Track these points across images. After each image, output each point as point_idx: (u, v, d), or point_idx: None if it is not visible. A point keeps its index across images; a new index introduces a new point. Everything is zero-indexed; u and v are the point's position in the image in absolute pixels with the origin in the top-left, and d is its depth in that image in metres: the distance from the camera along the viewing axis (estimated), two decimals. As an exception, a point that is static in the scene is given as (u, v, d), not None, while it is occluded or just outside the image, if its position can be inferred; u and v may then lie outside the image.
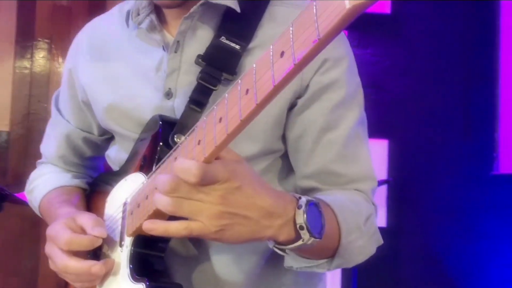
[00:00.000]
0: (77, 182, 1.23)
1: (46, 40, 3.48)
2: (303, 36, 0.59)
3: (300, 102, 1.01)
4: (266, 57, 0.64)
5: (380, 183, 3.19)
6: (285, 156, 1.07)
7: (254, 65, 0.67)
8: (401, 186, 3.48)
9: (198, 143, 0.76)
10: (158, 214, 0.82)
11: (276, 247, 0.86)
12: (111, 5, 3.40)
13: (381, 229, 1.02)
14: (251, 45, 0.99)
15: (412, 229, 3.52)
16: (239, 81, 0.69)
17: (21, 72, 3.45)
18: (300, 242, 0.81)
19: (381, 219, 3.39)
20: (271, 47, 0.64)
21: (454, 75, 3.65)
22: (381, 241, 1.02)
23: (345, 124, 1.02)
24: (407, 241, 3.48)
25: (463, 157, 3.59)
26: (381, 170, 3.42)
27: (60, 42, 3.48)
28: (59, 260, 0.95)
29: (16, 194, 2.65)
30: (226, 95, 0.72)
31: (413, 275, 3.51)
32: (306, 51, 0.58)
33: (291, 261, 0.92)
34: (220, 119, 0.72)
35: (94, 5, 3.48)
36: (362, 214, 0.97)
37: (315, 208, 0.83)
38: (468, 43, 3.66)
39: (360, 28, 3.59)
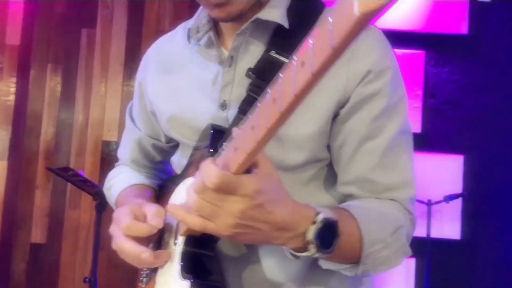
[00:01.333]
0: (148, 182, 1.26)
1: (150, 62, 3.73)
2: (320, 46, 0.57)
3: (342, 112, 0.99)
4: (291, 67, 0.63)
5: (455, 196, 3.16)
6: (331, 164, 1.05)
7: (281, 75, 0.65)
8: (476, 200, 3.42)
9: (235, 150, 0.76)
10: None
11: (290, 252, 0.87)
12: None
13: (455, 241, 0.98)
14: None
15: (486, 241, 3.44)
16: (268, 90, 0.68)
17: (128, 90, 3.66)
18: (307, 254, 0.83)
19: (456, 232, 3.33)
20: (295, 58, 0.62)
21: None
22: (409, 253, 0.99)
23: (385, 134, 0.99)
24: (480, 253, 3.40)
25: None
26: (456, 184, 3.38)
27: None
28: (118, 240, 0.97)
29: None
30: (259, 104, 0.71)
31: (487, 284, 3.43)
32: (321, 61, 0.57)
33: (321, 261, 0.93)
34: (253, 127, 0.71)
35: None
36: (389, 227, 0.95)
37: (331, 226, 0.82)
38: None
39: (437, 48, 3.58)
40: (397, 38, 3.47)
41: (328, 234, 0.82)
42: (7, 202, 3.61)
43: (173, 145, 1.22)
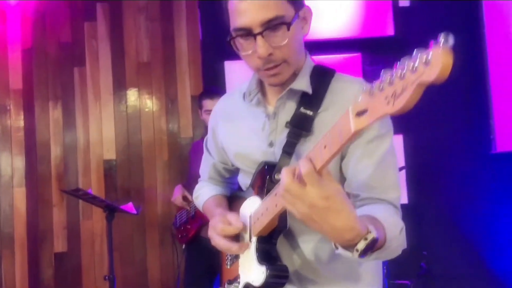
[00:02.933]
0: (223, 191, 1.65)
1: (135, 89, 4.09)
2: (334, 140, 0.90)
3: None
4: (318, 145, 0.94)
5: (399, 169, 3.57)
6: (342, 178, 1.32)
7: (312, 148, 0.96)
8: (417, 170, 3.77)
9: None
10: (271, 225, 1.21)
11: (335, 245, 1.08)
12: (179, 60, 4.04)
13: (404, 206, 1.27)
14: (319, 110, 1.28)
15: (428, 203, 3.80)
16: (309, 154, 0.96)
17: (120, 114, 4.06)
18: (349, 255, 1.02)
19: (403, 198, 3.49)
20: (321, 141, 0.93)
21: (453, 80, 3.91)
22: (405, 245, 1.19)
23: (377, 153, 1.24)
24: (425, 212, 3.75)
25: (468, 142, 3.89)
26: (398, 159, 3.72)
27: (145, 89, 4.09)
28: (217, 240, 1.34)
29: (122, 206, 3.28)
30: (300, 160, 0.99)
31: (433, 238, 3.78)
32: (337, 148, 0.89)
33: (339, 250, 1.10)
34: (298, 175, 0.98)
35: (166, 61, 4.10)
36: (397, 227, 1.16)
37: (374, 242, 1.01)
38: (461, 53, 3.91)
39: (371, 50, 3.94)
40: (336, 45, 3.89)
41: (369, 247, 1.02)
42: (29, 222, 3.98)
43: (237, 167, 1.55)
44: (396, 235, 1.14)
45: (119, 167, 4.04)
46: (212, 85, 3.85)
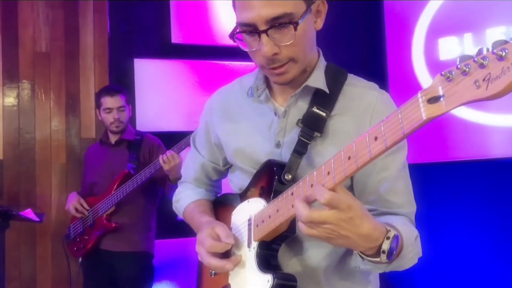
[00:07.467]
0: (207, 195, 1.47)
1: (30, 81, 3.49)
2: (392, 131, 0.79)
3: None
4: (364, 138, 0.84)
5: None
6: (350, 188, 1.22)
7: (354, 143, 0.86)
8: None
9: (311, 186, 0.96)
10: (278, 229, 1.09)
11: (359, 255, 1.03)
12: (83, 54, 3.54)
13: None
14: (332, 113, 1.18)
15: None
16: (342, 151, 0.89)
17: (10, 109, 3.45)
18: (377, 259, 0.99)
19: None
20: (368, 133, 0.84)
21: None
22: (421, 254, 1.15)
23: (394, 166, 1.16)
24: None
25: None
26: None
27: (42, 82, 3.50)
28: (205, 258, 1.19)
29: (21, 213, 2.79)
30: (332, 158, 0.91)
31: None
32: (394, 140, 0.79)
33: (360, 263, 1.06)
34: (328, 172, 0.92)
35: (68, 54, 3.56)
36: (413, 236, 1.11)
37: (397, 240, 0.99)
38: (364, 68, 3.92)
39: None
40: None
41: (394, 246, 0.98)
42: None
43: (227, 168, 1.43)
44: (412, 243, 1.09)
45: (7, 169, 3.42)
46: (113, 83, 3.41)
